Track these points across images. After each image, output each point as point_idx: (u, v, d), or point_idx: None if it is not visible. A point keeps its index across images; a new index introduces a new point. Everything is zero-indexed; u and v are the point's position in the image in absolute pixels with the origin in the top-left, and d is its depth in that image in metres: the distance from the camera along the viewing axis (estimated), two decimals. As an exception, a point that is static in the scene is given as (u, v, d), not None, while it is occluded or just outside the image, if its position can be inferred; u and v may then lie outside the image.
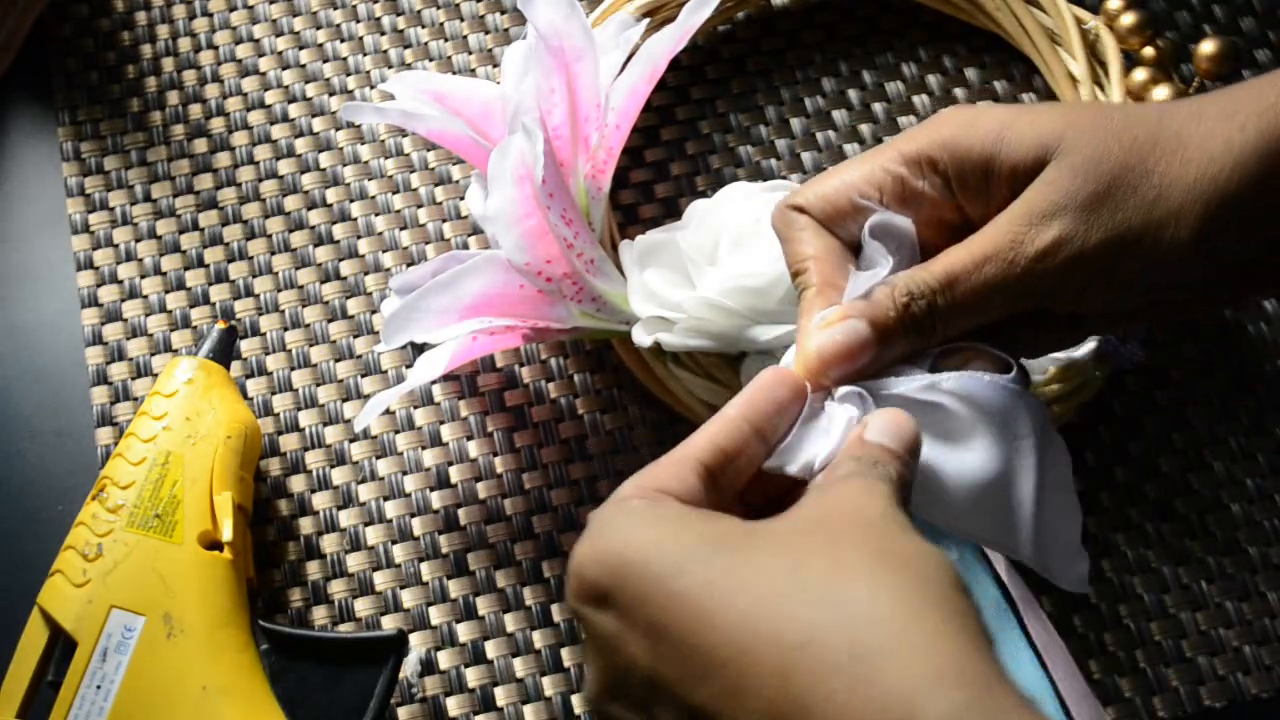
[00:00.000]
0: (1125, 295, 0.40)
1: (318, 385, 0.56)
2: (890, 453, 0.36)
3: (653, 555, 0.32)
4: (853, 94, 0.61)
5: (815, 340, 0.39)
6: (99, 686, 0.47)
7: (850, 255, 0.41)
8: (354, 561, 0.54)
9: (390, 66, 0.62)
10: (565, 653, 0.53)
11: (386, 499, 0.55)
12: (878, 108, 0.61)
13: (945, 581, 0.32)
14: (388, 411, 0.56)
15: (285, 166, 0.60)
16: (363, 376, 0.57)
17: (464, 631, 0.53)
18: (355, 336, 0.57)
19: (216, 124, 0.61)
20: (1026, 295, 0.40)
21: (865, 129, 0.60)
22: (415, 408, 0.56)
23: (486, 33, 0.62)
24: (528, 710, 0.52)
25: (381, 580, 0.54)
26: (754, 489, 0.38)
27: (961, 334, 0.40)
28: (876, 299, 0.39)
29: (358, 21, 0.63)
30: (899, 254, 0.40)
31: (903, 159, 0.41)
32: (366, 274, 0.58)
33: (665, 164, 0.60)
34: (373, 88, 0.61)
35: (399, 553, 0.54)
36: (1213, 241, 0.39)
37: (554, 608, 0.53)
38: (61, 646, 0.48)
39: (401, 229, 0.59)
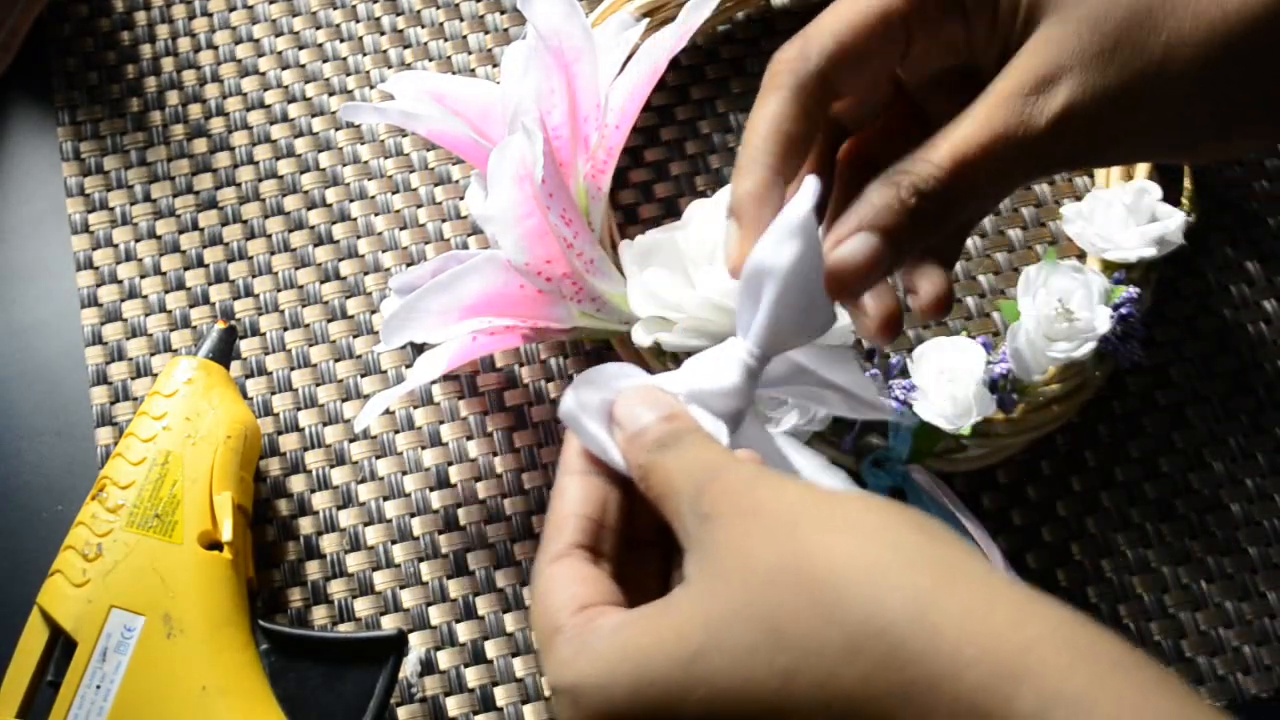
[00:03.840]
0: (1138, 150, 0.38)
1: (318, 385, 0.56)
2: (665, 423, 0.34)
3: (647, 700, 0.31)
4: (853, 94, 0.61)
5: (831, 261, 0.36)
6: (99, 686, 0.47)
7: (818, 122, 0.38)
8: (354, 561, 0.54)
9: (390, 66, 0.62)
10: (565, 653, 0.53)
11: (386, 499, 0.55)
12: None
13: (851, 523, 0.30)
14: (387, 411, 0.56)
15: (285, 166, 0.60)
16: (363, 376, 0.57)
17: (464, 631, 0.53)
18: (355, 336, 0.57)
19: (216, 124, 0.61)
20: (1042, 169, 0.37)
21: (865, 129, 0.60)
22: (415, 408, 0.56)
23: (486, 33, 0.62)
24: (528, 710, 0.52)
25: (381, 580, 0.54)
26: (639, 524, 0.36)
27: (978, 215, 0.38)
28: (881, 203, 0.36)
29: (358, 21, 0.63)
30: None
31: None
32: (366, 274, 0.58)
33: (665, 164, 0.60)
34: (373, 88, 0.61)
35: (399, 553, 0.54)
36: (1219, 92, 0.36)
37: (554, 608, 0.53)
38: (61, 646, 0.48)
39: (401, 229, 0.59)
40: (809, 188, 0.35)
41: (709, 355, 0.37)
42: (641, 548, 0.36)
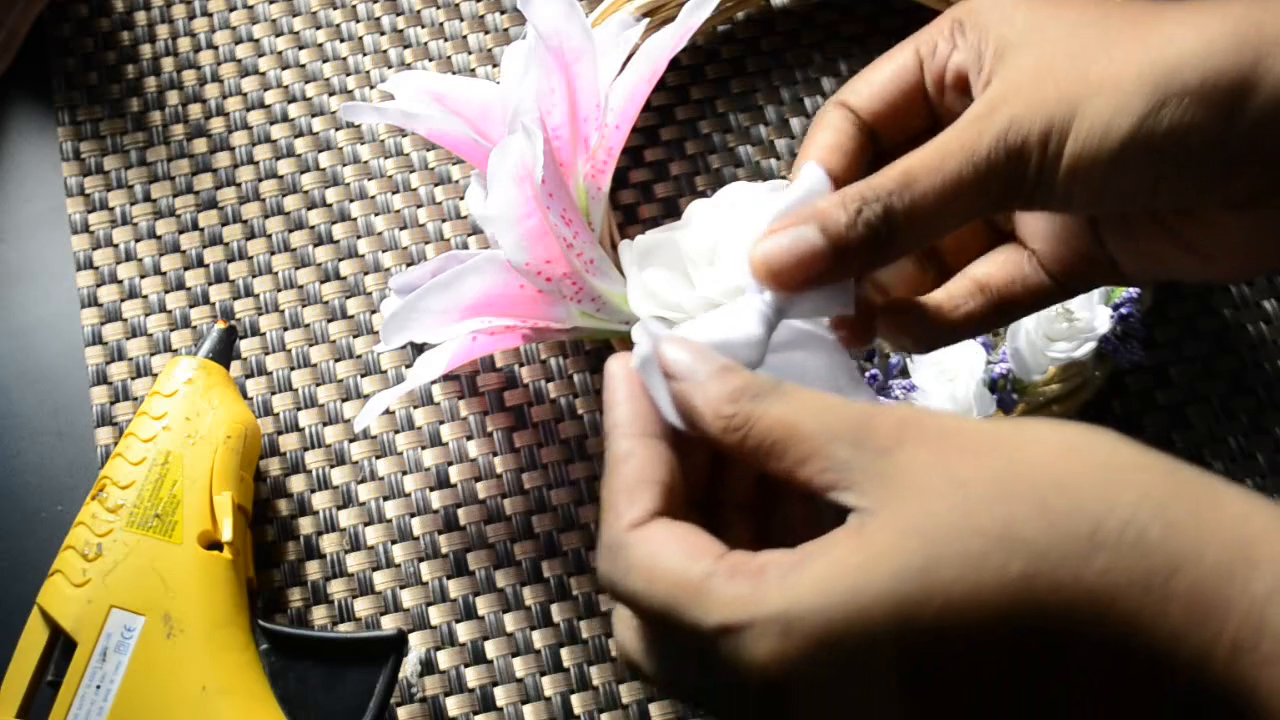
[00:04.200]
0: (1076, 181, 0.36)
1: (318, 385, 0.56)
2: (733, 373, 0.33)
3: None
4: (853, 94, 0.61)
5: (760, 248, 0.35)
6: (99, 686, 0.47)
7: (867, 156, 0.39)
8: (354, 561, 0.54)
9: (390, 66, 0.62)
10: (565, 653, 0.53)
11: (386, 499, 0.55)
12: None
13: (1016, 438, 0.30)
14: (387, 411, 0.56)
15: (285, 166, 0.60)
16: (363, 376, 0.57)
17: (464, 631, 0.53)
18: (355, 336, 0.57)
19: (216, 124, 0.61)
20: (989, 196, 0.36)
21: (865, 129, 0.60)
22: (415, 408, 0.56)
23: (486, 33, 0.62)
24: (528, 710, 0.52)
25: (381, 580, 0.54)
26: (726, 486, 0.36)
27: (925, 244, 0.37)
28: (824, 206, 0.35)
29: (358, 21, 0.63)
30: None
31: (936, 33, 0.39)
32: (366, 274, 0.58)
33: (665, 164, 0.60)
34: (373, 88, 0.61)
35: (399, 553, 0.54)
36: (1159, 130, 0.35)
37: (554, 608, 0.53)
38: (61, 646, 0.48)
39: (401, 229, 0.59)
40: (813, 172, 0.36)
41: (725, 310, 0.36)
42: (719, 510, 0.35)
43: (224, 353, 0.53)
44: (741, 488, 0.36)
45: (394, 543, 0.54)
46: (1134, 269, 0.40)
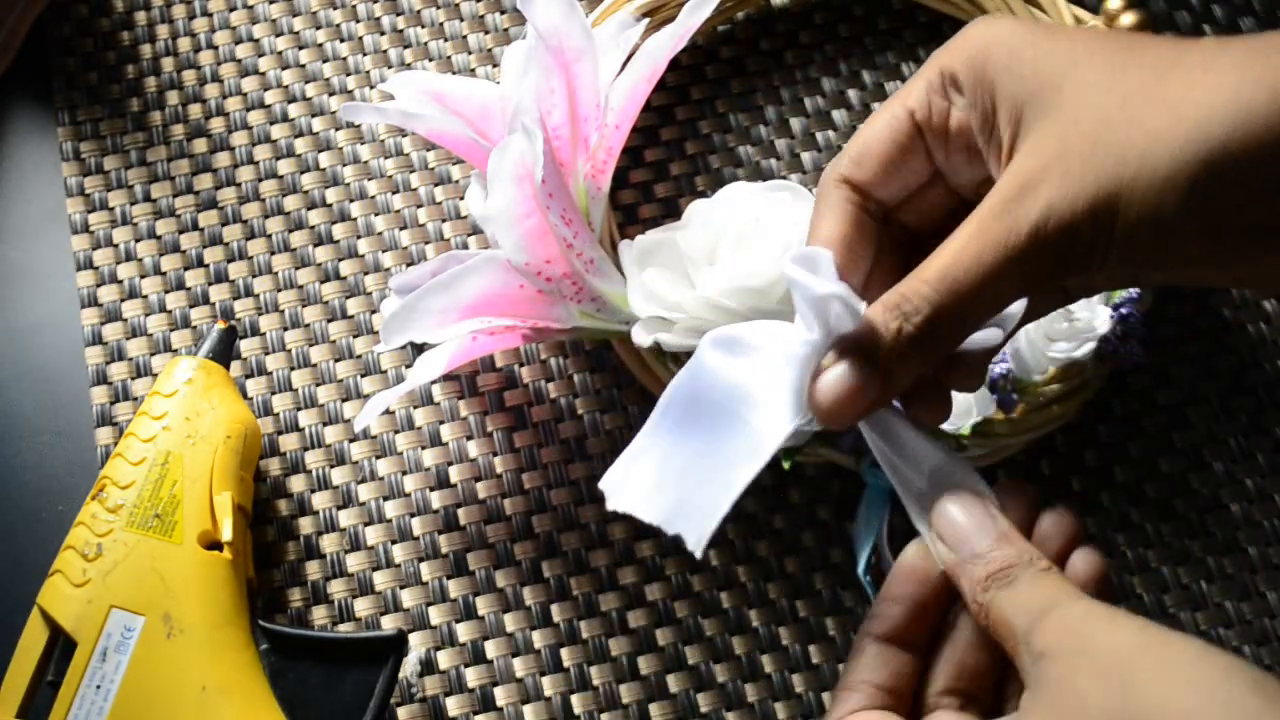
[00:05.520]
0: (1128, 259, 0.35)
1: (317, 385, 0.56)
2: (999, 551, 0.35)
3: None
4: (853, 94, 0.61)
5: (817, 397, 0.35)
6: (99, 686, 0.47)
7: (874, 233, 0.39)
8: (354, 561, 0.54)
9: (390, 66, 0.62)
10: (565, 653, 0.53)
11: (386, 499, 0.55)
12: (877, 108, 0.61)
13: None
14: (387, 411, 0.56)
15: (285, 166, 0.60)
16: (362, 376, 0.57)
17: (464, 631, 0.53)
18: (355, 336, 0.57)
19: (216, 124, 0.61)
20: (1032, 281, 0.35)
21: (865, 129, 0.60)
22: (415, 408, 0.56)
23: (486, 33, 0.62)
24: (528, 710, 0.52)
25: (381, 580, 0.54)
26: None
27: (965, 338, 0.37)
28: (865, 329, 0.35)
29: (358, 21, 0.63)
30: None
31: (927, 87, 0.38)
32: (366, 274, 0.58)
33: (665, 164, 0.60)
34: (373, 88, 0.61)
35: (399, 553, 0.54)
36: (1210, 203, 0.33)
37: (554, 608, 0.53)
38: (61, 646, 0.48)
39: (401, 229, 0.59)
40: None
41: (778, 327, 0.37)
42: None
43: (224, 353, 0.53)
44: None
45: (394, 543, 0.54)
46: (1150, 282, 0.40)
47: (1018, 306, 0.37)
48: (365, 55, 0.62)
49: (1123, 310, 0.53)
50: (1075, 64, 0.36)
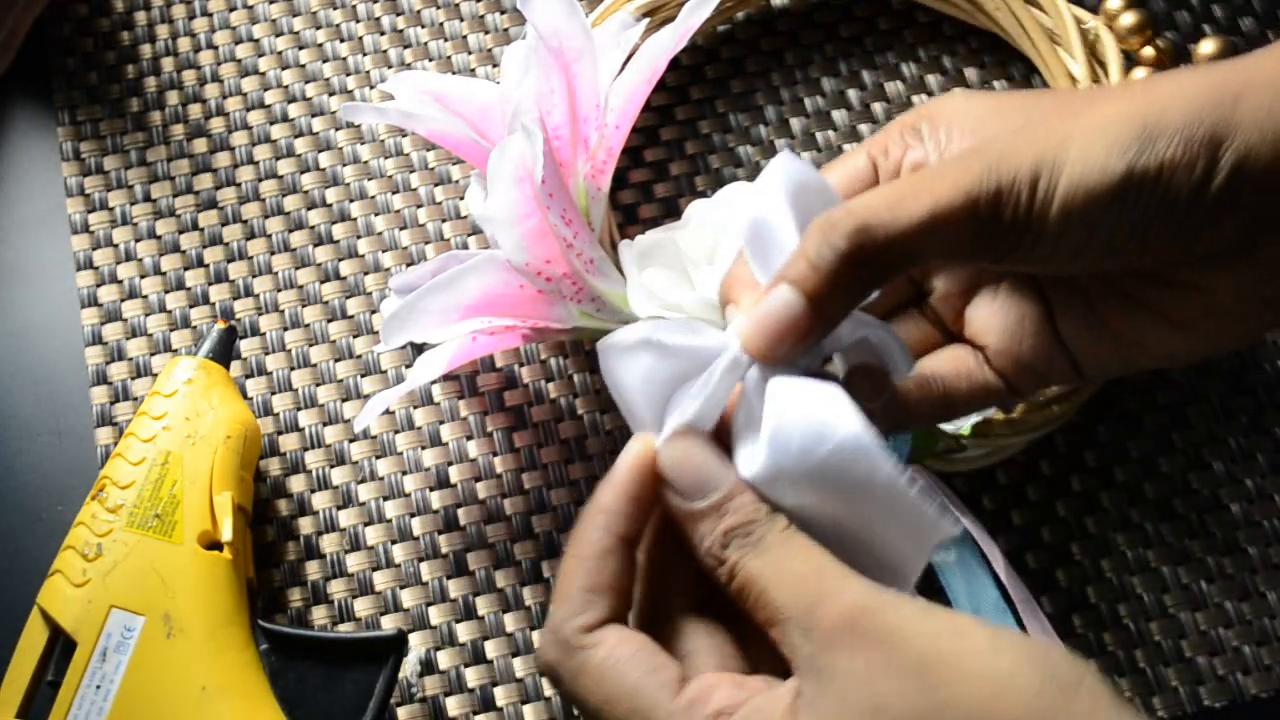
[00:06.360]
0: (1077, 228, 0.36)
1: (317, 385, 0.56)
2: (730, 506, 0.35)
3: None
4: (853, 94, 0.61)
5: (746, 323, 0.35)
6: (99, 686, 0.47)
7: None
8: (354, 561, 0.54)
9: (390, 66, 0.62)
10: (565, 653, 0.53)
11: (386, 499, 0.55)
12: (877, 108, 0.61)
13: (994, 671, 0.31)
14: (387, 411, 0.56)
15: (285, 166, 0.60)
16: (363, 376, 0.57)
17: (464, 631, 0.53)
18: (355, 336, 0.57)
19: (216, 124, 0.61)
20: (979, 221, 0.36)
21: (865, 129, 0.60)
22: (415, 408, 0.56)
23: (486, 33, 0.62)
24: (528, 710, 0.52)
25: (381, 580, 0.54)
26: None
27: (901, 272, 0.36)
28: (794, 258, 0.35)
29: (358, 21, 0.63)
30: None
31: (886, 138, 0.41)
32: (366, 274, 0.58)
33: (665, 164, 0.60)
34: (373, 88, 0.61)
35: (399, 553, 0.54)
36: (1155, 168, 0.35)
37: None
38: (61, 646, 0.48)
39: (401, 229, 0.59)
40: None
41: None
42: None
43: (224, 353, 0.53)
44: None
45: (394, 543, 0.54)
46: (1094, 362, 0.40)
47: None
48: (365, 55, 0.62)
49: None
50: (1027, 107, 0.39)
